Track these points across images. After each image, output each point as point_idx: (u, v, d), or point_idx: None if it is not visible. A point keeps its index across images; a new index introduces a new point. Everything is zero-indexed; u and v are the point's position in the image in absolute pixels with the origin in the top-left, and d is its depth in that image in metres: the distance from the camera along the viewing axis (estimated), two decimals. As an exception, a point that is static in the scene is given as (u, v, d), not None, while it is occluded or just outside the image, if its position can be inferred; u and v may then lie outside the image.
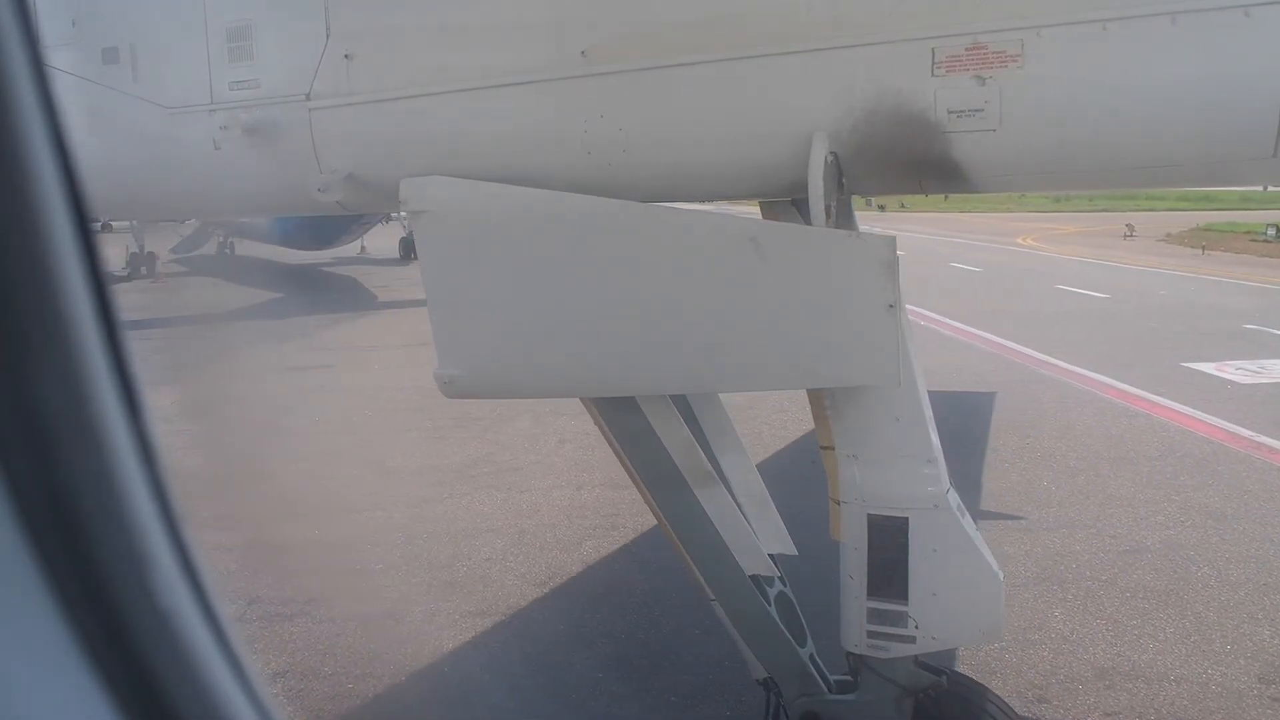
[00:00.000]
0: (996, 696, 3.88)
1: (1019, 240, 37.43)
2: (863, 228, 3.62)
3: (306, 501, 8.12)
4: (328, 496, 8.36)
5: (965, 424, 10.07)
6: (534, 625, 6.11)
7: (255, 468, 8.89)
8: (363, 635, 5.88)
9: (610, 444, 3.66)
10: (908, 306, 3.49)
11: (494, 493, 8.67)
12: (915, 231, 40.59)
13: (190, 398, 12.00)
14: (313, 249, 28.13)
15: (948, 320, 17.24)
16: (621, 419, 3.55)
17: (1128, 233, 36.91)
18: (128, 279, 31.25)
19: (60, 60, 3.75)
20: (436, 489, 8.75)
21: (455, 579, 6.79)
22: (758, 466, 4.14)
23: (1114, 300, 20.44)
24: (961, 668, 4.81)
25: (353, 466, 9.40)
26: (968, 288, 23.00)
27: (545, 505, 8.29)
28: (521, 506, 8.29)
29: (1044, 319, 17.81)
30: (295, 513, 7.85)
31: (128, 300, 26.17)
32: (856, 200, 3.71)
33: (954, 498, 3.42)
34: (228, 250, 37.68)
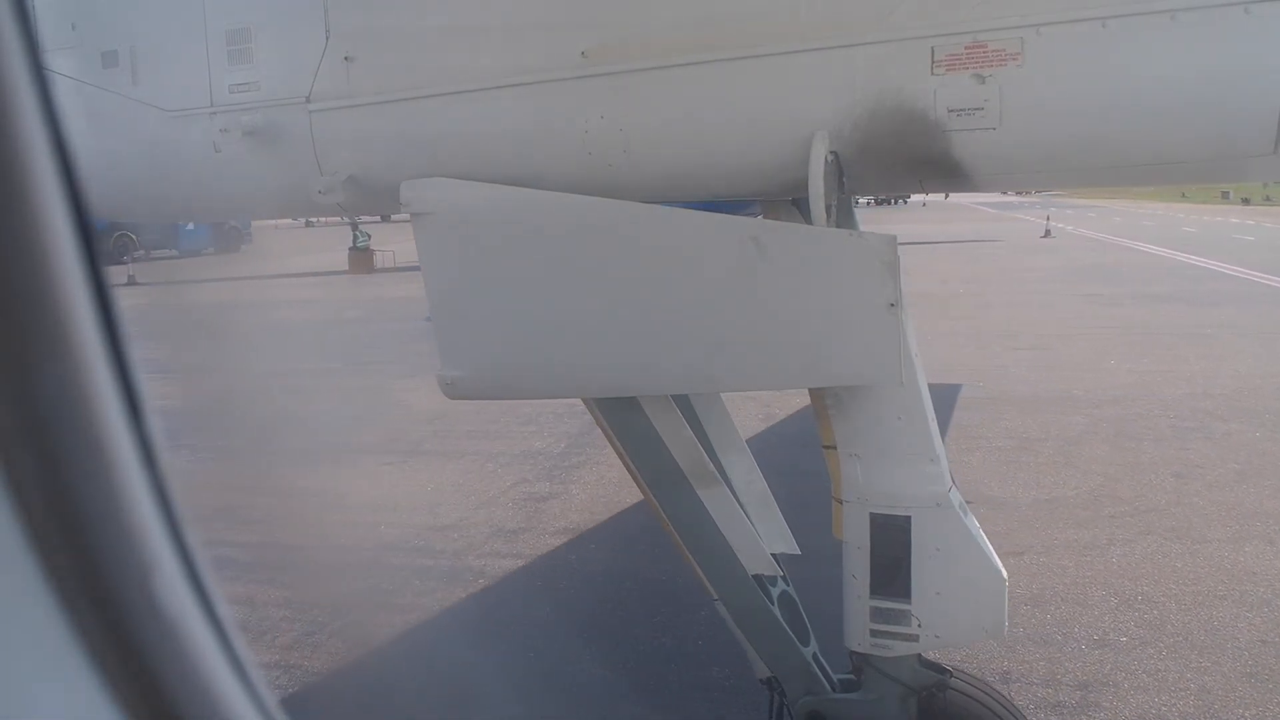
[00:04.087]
0: (1001, 695, 3.88)
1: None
2: (1220, 219, 3.35)
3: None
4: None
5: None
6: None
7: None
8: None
9: (612, 444, 3.66)
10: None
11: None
12: (1257, 222, 37.97)
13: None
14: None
15: None
16: (623, 419, 3.55)
17: None
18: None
19: (60, 64, 3.75)
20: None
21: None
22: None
23: None
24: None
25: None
26: None
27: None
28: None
29: None
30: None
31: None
32: (1149, 193, 3.59)
33: (956, 496, 3.41)
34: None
